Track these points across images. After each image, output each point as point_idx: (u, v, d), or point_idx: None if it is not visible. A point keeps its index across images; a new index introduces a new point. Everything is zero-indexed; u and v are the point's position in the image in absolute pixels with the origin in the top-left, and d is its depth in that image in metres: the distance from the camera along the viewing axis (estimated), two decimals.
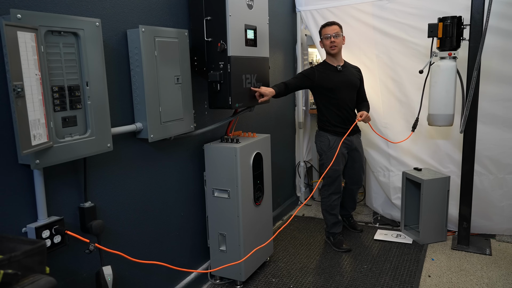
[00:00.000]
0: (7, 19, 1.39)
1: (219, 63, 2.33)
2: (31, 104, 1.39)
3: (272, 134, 3.30)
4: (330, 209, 3.15)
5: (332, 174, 3.07)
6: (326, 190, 3.15)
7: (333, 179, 3.09)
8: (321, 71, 3.03)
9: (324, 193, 3.17)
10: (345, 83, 3.04)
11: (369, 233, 3.39)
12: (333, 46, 2.97)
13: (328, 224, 3.21)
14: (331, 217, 3.17)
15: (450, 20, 2.80)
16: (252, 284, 2.66)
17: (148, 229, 2.21)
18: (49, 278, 0.97)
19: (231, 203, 2.51)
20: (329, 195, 3.14)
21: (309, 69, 3.12)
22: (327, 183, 3.13)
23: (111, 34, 1.91)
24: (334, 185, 3.11)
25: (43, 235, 1.58)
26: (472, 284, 2.60)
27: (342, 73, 3.04)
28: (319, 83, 3.01)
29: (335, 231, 3.18)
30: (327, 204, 3.15)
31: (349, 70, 3.10)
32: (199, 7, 2.34)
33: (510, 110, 3.06)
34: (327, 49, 3.01)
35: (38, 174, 1.57)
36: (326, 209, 3.17)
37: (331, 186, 3.12)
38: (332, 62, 3.06)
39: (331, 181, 3.10)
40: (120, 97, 1.98)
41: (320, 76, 3.01)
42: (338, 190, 3.14)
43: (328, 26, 3.00)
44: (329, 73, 3.03)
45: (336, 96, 3.01)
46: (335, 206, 3.15)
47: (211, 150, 2.53)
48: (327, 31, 2.99)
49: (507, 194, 3.15)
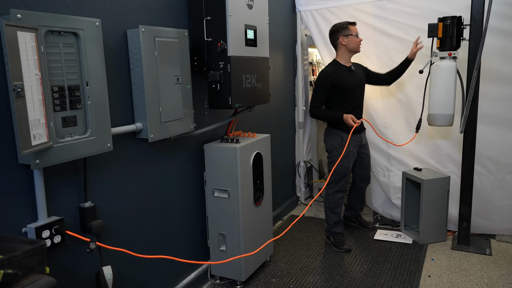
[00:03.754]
0: (7, 19, 1.39)
1: (219, 63, 2.33)
2: (31, 104, 1.39)
3: (272, 134, 3.30)
4: (334, 207, 3.14)
5: (341, 171, 3.07)
6: (332, 187, 3.13)
7: (342, 176, 3.09)
8: (337, 72, 3.01)
9: (329, 191, 3.15)
10: (358, 83, 3.09)
11: (369, 233, 3.39)
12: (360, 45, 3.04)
13: (329, 223, 3.20)
14: (334, 216, 3.16)
15: (450, 20, 2.80)
16: (252, 284, 2.66)
17: (148, 229, 2.21)
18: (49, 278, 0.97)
19: (231, 203, 2.51)
20: (334, 192, 3.13)
21: (324, 76, 3.04)
22: (334, 181, 3.10)
23: (111, 34, 1.91)
24: (341, 183, 3.11)
25: (43, 235, 1.58)
26: (472, 284, 2.60)
27: (354, 73, 3.09)
28: (337, 85, 3.00)
29: (336, 231, 3.18)
30: (331, 202, 3.14)
31: (358, 70, 3.15)
32: (199, 7, 2.34)
33: (510, 110, 3.06)
34: (354, 47, 3.02)
35: (38, 174, 1.57)
36: (330, 207, 3.16)
37: (337, 184, 3.11)
38: (345, 63, 3.07)
39: (339, 179, 3.10)
40: (120, 97, 1.98)
41: (337, 77, 3.00)
42: (344, 189, 3.14)
43: (354, 25, 3.04)
44: (345, 74, 3.04)
45: (351, 95, 3.04)
46: (339, 204, 3.14)
47: (211, 150, 2.53)
48: (355, 30, 3.03)
49: (507, 194, 3.15)
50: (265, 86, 2.71)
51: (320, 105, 3.05)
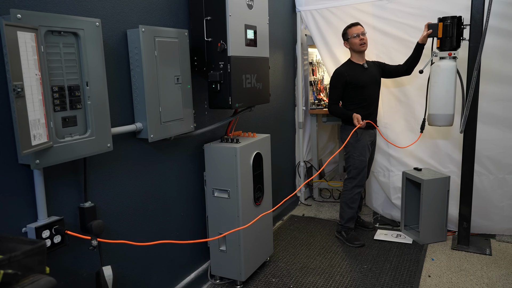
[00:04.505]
0: (7, 19, 1.39)
1: (219, 63, 2.33)
2: (31, 104, 1.39)
3: (272, 134, 3.30)
4: (351, 202, 3.17)
5: (359, 165, 3.13)
6: (350, 182, 3.18)
7: (360, 170, 3.14)
8: (349, 71, 3.11)
9: (348, 186, 3.20)
10: (372, 80, 3.14)
11: (369, 233, 3.39)
12: (362, 44, 3.07)
13: (344, 217, 3.23)
14: (350, 211, 3.20)
15: (450, 20, 2.80)
16: (252, 284, 2.66)
17: (148, 229, 2.21)
18: (49, 278, 0.97)
19: (231, 203, 2.51)
20: (353, 187, 3.17)
21: (337, 75, 3.13)
22: (352, 175, 3.16)
23: (111, 34, 1.91)
24: (359, 177, 3.15)
25: (43, 235, 1.58)
26: (472, 284, 2.60)
27: (368, 70, 3.15)
28: (350, 82, 3.08)
29: (349, 226, 3.22)
30: (349, 196, 3.18)
31: (372, 67, 3.18)
32: (199, 7, 2.34)
33: (510, 110, 3.06)
34: (357, 47, 3.09)
35: (38, 174, 1.57)
36: (347, 202, 3.19)
37: (356, 178, 3.16)
38: (358, 61, 3.15)
39: (357, 173, 3.14)
40: (120, 97, 1.98)
41: (350, 75, 3.09)
42: (362, 183, 3.19)
43: (354, 26, 3.10)
44: (358, 71, 3.12)
45: (364, 92, 3.09)
46: (356, 200, 3.18)
47: (211, 150, 2.53)
48: (354, 31, 3.08)
49: (507, 194, 3.15)
50: (265, 86, 2.71)
51: (335, 102, 3.15)
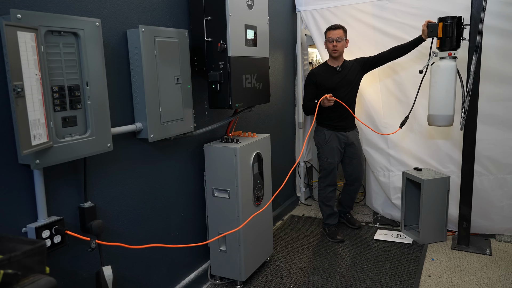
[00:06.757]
0: (7, 19, 1.39)
1: (219, 63, 2.33)
2: (31, 104, 1.39)
3: (272, 134, 3.30)
4: (326, 200, 3.35)
5: (327, 166, 3.29)
6: (322, 182, 3.37)
7: (328, 171, 3.29)
8: (321, 73, 3.24)
9: (320, 185, 3.40)
10: (343, 82, 3.20)
11: (369, 233, 3.39)
12: (334, 50, 3.15)
13: (323, 215, 3.42)
14: (327, 209, 3.37)
15: (450, 20, 2.80)
16: (252, 284, 2.66)
17: (148, 229, 2.21)
18: (49, 278, 0.97)
19: (231, 203, 2.51)
20: (325, 187, 3.35)
21: (308, 75, 3.31)
22: (323, 176, 3.36)
23: (111, 34, 1.91)
24: (329, 178, 3.32)
25: (43, 235, 1.58)
26: (472, 284, 2.60)
27: (341, 73, 3.21)
28: (320, 83, 3.19)
29: (330, 223, 3.38)
30: (323, 195, 3.37)
31: (347, 69, 3.22)
32: (199, 7, 2.34)
33: (510, 110, 3.05)
34: (329, 52, 3.20)
35: (38, 174, 1.57)
36: (322, 200, 3.38)
37: (326, 178, 3.33)
38: (332, 64, 3.25)
39: (327, 174, 3.31)
40: (120, 97, 1.98)
41: (320, 77, 3.21)
42: (333, 183, 3.34)
43: (332, 30, 3.14)
44: (329, 74, 3.22)
45: (335, 95, 3.08)
46: (331, 198, 3.35)
47: (211, 150, 2.53)
48: (330, 34, 3.14)
49: (507, 194, 3.15)
50: (265, 86, 2.72)
51: (308, 101, 3.26)
